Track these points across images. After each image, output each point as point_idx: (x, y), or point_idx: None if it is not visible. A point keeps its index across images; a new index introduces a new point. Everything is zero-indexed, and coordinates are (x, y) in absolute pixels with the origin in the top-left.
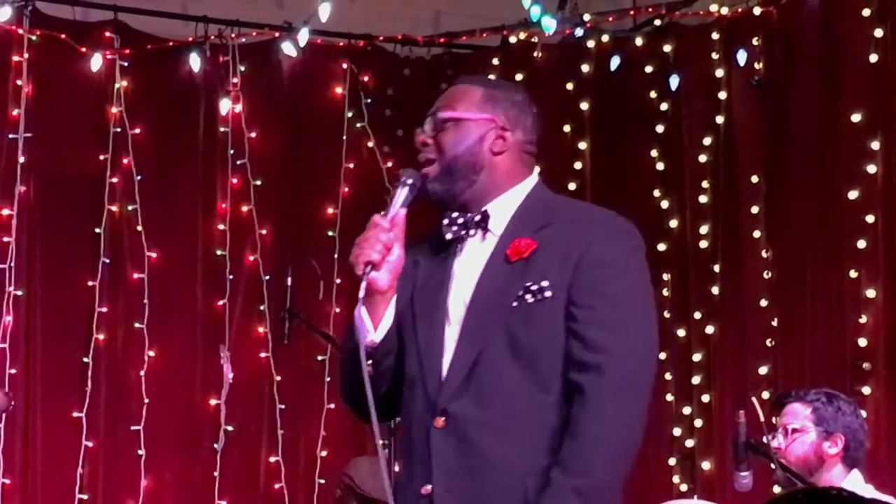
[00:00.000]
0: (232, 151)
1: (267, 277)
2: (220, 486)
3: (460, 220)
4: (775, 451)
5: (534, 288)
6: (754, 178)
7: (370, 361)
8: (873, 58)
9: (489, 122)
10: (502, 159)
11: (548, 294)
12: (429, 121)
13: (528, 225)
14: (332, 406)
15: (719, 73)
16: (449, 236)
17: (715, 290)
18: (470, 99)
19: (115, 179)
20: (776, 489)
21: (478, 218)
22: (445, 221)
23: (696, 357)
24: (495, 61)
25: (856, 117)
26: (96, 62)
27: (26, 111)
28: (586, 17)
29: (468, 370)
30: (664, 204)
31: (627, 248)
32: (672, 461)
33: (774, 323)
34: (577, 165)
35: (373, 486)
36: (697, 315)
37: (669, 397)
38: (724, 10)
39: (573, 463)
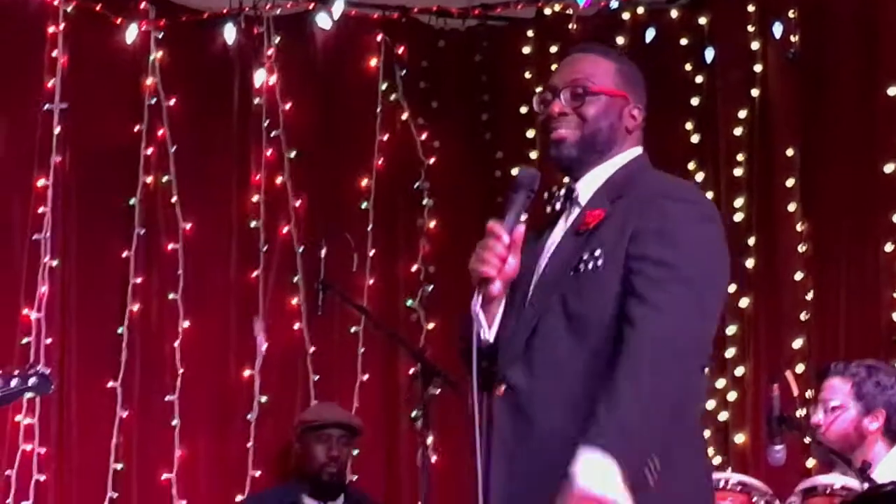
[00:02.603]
0: (266, 123)
1: (301, 249)
2: (253, 456)
3: (550, 196)
4: (815, 427)
5: (587, 257)
6: (790, 152)
7: (484, 362)
8: None
9: (624, 99)
10: (632, 137)
11: (599, 263)
12: (565, 91)
13: (607, 196)
14: (366, 377)
15: (755, 45)
16: (549, 210)
17: (749, 263)
18: (605, 72)
19: (149, 151)
20: (810, 463)
21: (563, 192)
22: (546, 196)
23: (730, 330)
24: (530, 33)
25: (892, 90)
26: (131, 33)
27: (62, 82)
28: None
29: (526, 339)
30: (699, 177)
31: (686, 217)
32: (706, 434)
33: (809, 296)
34: None
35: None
36: (731, 288)
37: None
38: None
39: (594, 424)
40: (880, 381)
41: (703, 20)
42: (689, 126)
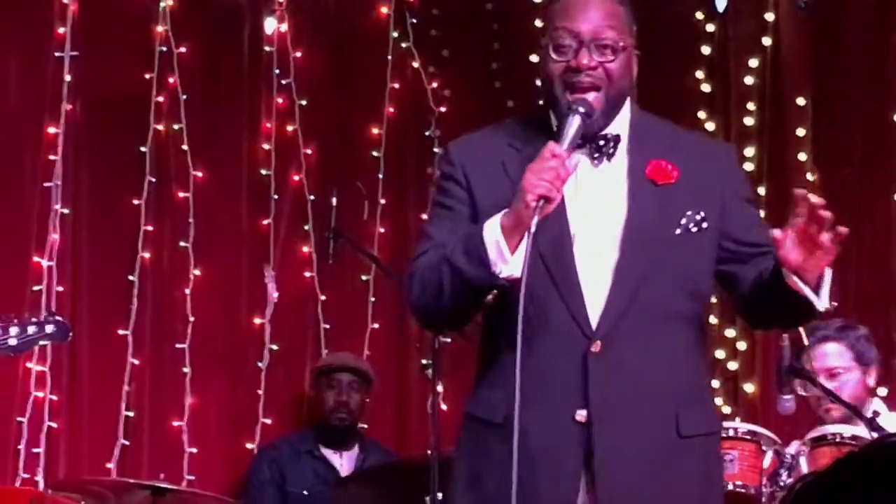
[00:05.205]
0: (277, 71)
1: (312, 197)
2: (264, 404)
3: (584, 146)
4: (816, 397)
5: (696, 217)
6: (801, 101)
7: (493, 292)
8: None
9: (634, 47)
10: (634, 83)
11: (705, 225)
12: (593, 43)
13: (651, 145)
14: (377, 325)
15: None
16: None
17: (760, 212)
18: (623, 21)
19: (160, 98)
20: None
21: (608, 142)
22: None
23: None
24: None
25: None
26: None
27: (72, 30)
28: None
29: (631, 296)
30: (710, 126)
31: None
32: (715, 383)
33: None
34: None
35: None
36: None
37: (713, 319)
38: None
39: None
40: (868, 337)
41: None
42: (700, 75)
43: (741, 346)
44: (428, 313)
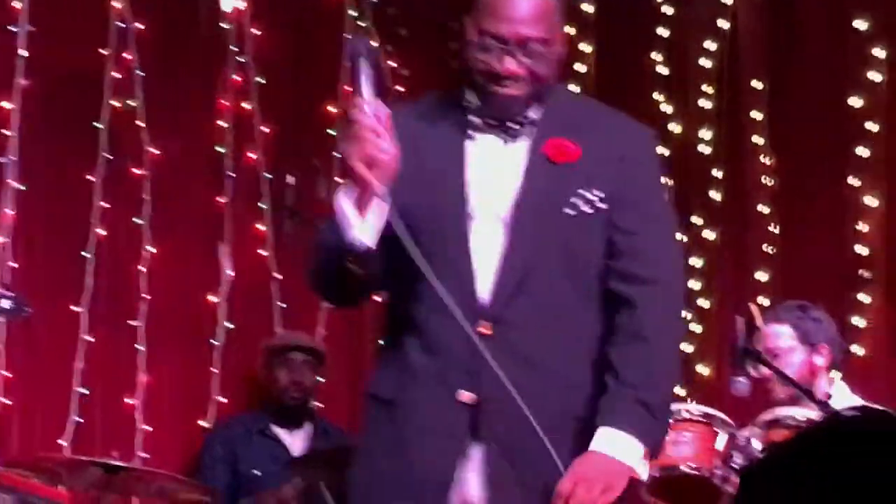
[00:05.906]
0: (234, 48)
1: (268, 175)
2: (218, 382)
3: (498, 127)
4: (767, 379)
5: (590, 198)
6: (757, 84)
7: (358, 267)
8: None
9: (563, 38)
10: (560, 67)
11: (601, 206)
12: (519, 50)
13: (557, 125)
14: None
15: None
16: (480, 139)
17: (715, 195)
18: (552, 17)
19: (116, 75)
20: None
21: (522, 126)
22: (480, 123)
23: (696, 262)
24: None
25: (861, 24)
26: None
27: (28, 4)
28: None
29: (520, 277)
30: (666, 108)
31: (657, 164)
32: None
33: (774, 229)
34: (581, 68)
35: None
36: (697, 220)
37: None
38: None
39: (636, 374)
40: (816, 317)
41: None
42: (657, 57)
43: (695, 328)
44: (313, 283)
